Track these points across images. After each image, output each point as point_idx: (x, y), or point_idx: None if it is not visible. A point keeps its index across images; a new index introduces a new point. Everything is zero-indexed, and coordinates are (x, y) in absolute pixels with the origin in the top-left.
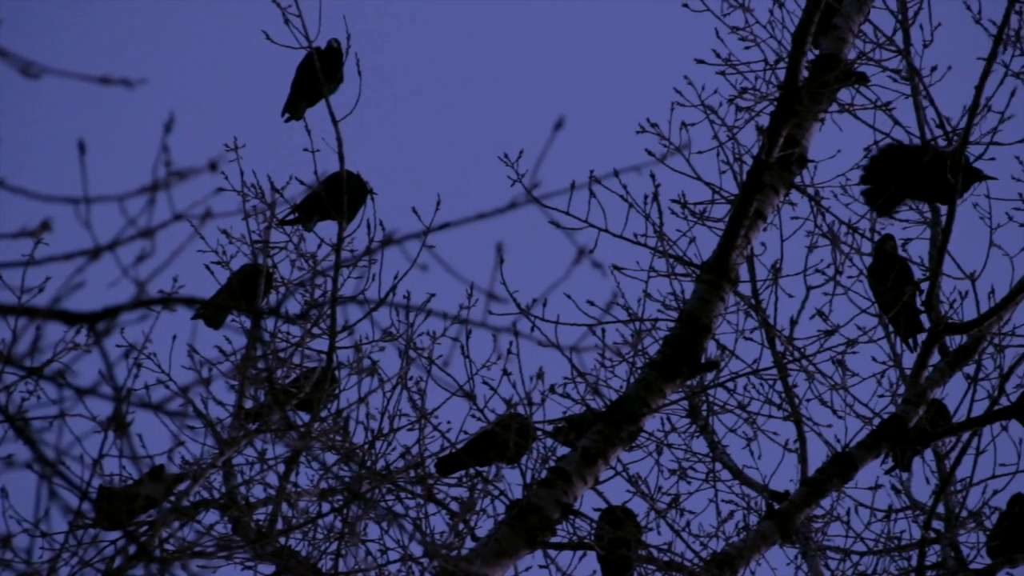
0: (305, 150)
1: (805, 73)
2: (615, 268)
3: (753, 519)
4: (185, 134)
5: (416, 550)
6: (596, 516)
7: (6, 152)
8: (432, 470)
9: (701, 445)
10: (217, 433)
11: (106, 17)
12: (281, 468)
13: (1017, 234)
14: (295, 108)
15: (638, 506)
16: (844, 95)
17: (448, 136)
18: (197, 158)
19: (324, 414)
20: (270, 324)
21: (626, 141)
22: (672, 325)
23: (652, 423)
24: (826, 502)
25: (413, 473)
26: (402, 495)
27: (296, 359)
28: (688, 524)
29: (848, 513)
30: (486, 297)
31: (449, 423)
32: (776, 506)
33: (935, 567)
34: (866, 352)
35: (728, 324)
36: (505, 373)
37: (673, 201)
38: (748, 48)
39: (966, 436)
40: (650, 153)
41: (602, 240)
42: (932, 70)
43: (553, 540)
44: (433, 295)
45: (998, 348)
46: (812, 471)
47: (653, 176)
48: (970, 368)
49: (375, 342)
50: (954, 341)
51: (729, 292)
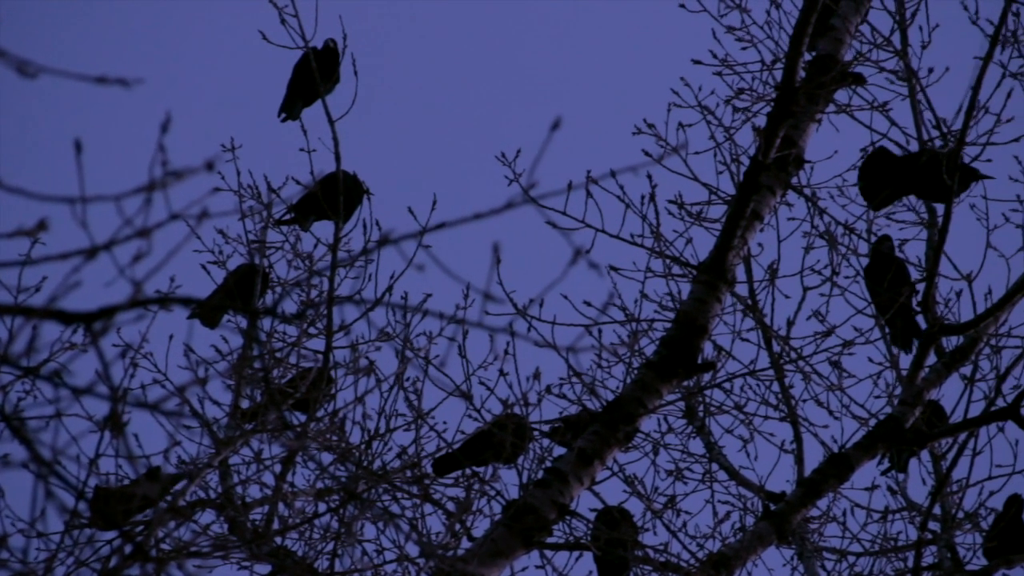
0: (301, 150)
1: (802, 74)
2: (612, 269)
3: (749, 520)
4: (182, 134)
5: (412, 550)
6: (592, 516)
7: (3, 151)
8: (428, 470)
9: (697, 446)
10: (213, 433)
11: (103, 17)
12: (277, 468)
13: (1014, 235)
14: (291, 108)
15: (634, 507)
16: (841, 96)
17: (444, 136)
18: (194, 158)
19: (320, 414)
20: (266, 324)
21: (623, 141)
22: (668, 326)
23: (648, 424)
24: (822, 503)
25: (409, 473)
26: (398, 495)
27: (292, 359)
28: (684, 525)
29: (844, 514)
30: (483, 297)
31: (445, 423)
32: (772, 507)
33: (931, 568)
34: (863, 353)
35: (725, 325)
36: (502, 373)
37: (670, 202)
38: (745, 49)
39: (962, 437)
40: (647, 154)
41: (599, 240)
42: (930, 71)
43: (549, 540)
44: (429, 295)
45: (994, 349)
46: (808, 472)
47: (650, 177)
48: (966, 369)
49: (371, 342)
50: (950, 342)
51: (726, 293)
